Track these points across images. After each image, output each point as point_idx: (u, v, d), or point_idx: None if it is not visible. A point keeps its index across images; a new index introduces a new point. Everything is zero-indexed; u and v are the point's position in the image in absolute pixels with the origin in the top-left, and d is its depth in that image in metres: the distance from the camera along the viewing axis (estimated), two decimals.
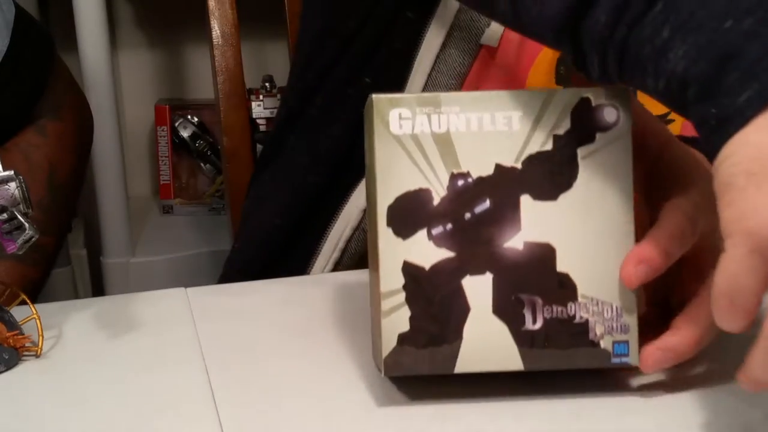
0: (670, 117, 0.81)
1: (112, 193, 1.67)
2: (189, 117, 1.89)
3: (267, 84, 1.65)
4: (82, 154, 0.96)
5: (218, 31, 1.06)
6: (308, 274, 0.86)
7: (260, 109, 1.50)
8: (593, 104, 0.55)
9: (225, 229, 1.77)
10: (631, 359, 0.57)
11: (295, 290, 0.75)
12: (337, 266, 0.85)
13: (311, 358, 0.63)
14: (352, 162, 0.84)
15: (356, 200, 0.83)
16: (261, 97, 1.59)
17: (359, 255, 0.85)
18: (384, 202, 0.55)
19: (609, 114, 0.55)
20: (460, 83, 0.80)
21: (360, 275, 0.74)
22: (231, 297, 0.73)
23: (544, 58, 0.79)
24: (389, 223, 0.55)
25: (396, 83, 0.81)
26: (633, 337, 0.57)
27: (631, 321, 0.56)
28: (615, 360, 0.57)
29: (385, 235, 0.55)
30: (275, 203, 0.88)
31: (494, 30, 0.79)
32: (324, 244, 0.85)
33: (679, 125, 0.82)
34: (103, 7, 1.57)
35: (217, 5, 1.05)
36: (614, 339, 0.57)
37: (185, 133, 1.88)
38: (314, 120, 0.86)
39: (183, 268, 1.75)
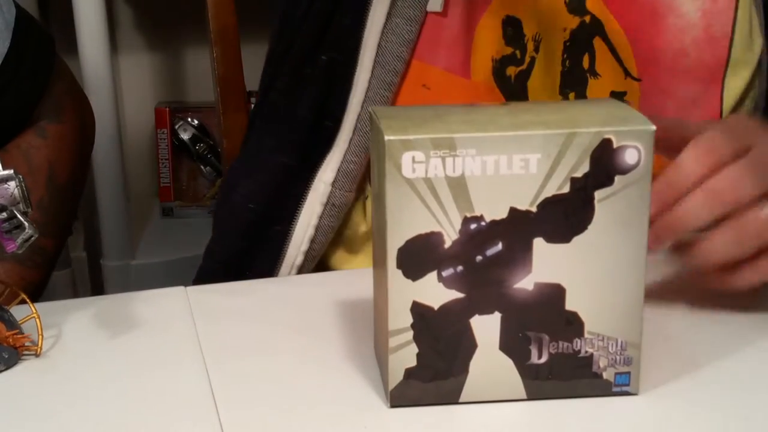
0: (627, 98, 0.82)
1: (112, 196, 1.66)
2: (189, 119, 1.89)
3: None
4: (83, 155, 0.96)
5: (218, 34, 1.06)
6: (284, 254, 0.86)
7: None
8: (615, 146, 0.53)
9: None
10: (632, 388, 0.57)
11: (294, 290, 0.75)
12: (312, 243, 0.85)
13: (311, 357, 0.63)
14: (316, 140, 0.84)
15: (323, 175, 0.84)
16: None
17: (333, 230, 0.86)
18: (394, 244, 0.54)
19: (630, 156, 0.53)
20: (410, 51, 0.81)
21: (360, 275, 0.74)
22: (231, 297, 0.73)
23: (488, 20, 0.80)
24: (399, 266, 0.54)
25: (349, 58, 0.82)
26: (635, 368, 0.57)
27: (635, 354, 0.57)
28: (616, 389, 0.57)
29: (394, 276, 0.55)
30: (247, 188, 0.89)
31: None
32: (297, 223, 0.85)
33: (635, 108, 0.82)
34: (103, 10, 1.57)
35: (217, 7, 1.05)
36: (617, 371, 0.57)
37: (185, 136, 1.88)
38: (276, 103, 0.87)
39: (183, 270, 1.74)
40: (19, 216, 0.61)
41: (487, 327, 0.56)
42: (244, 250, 0.88)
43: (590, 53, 0.81)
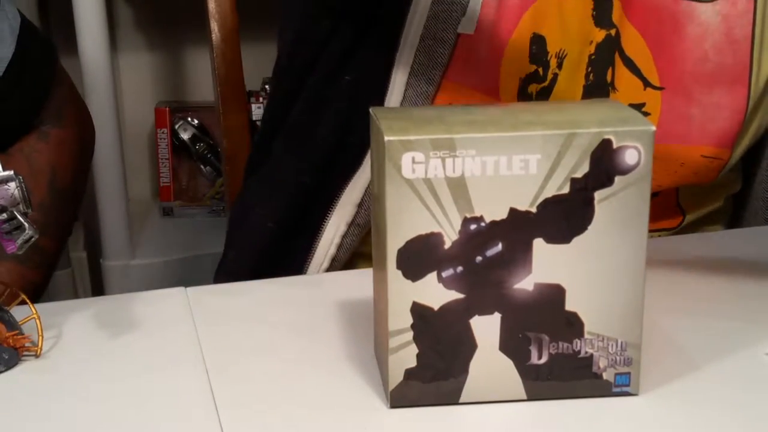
0: (645, 110, 0.82)
1: (112, 196, 1.66)
2: (189, 119, 1.88)
3: (267, 86, 1.65)
4: (84, 160, 0.97)
5: (218, 34, 1.06)
6: (305, 271, 0.86)
7: (260, 112, 1.50)
8: (614, 146, 0.53)
9: (224, 231, 1.77)
10: (632, 389, 0.57)
11: (294, 290, 0.75)
12: (333, 261, 0.85)
13: (311, 358, 0.63)
14: (339, 161, 0.84)
15: (349, 196, 0.84)
16: (261, 99, 1.59)
17: (354, 247, 0.86)
18: (394, 245, 0.54)
19: (630, 156, 0.53)
20: (442, 73, 0.81)
21: (359, 275, 0.74)
22: (231, 297, 0.73)
23: (517, 39, 0.80)
24: (399, 266, 0.54)
25: (377, 80, 0.81)
26: (635, 368, 0.57)
27: (635, 354, 0.57)
28: (616, 390, 0.57)
29: (394, 276, 0.55)
30: (266, 207, 0.89)
31: (470, 18, 0.79)
32: (319, 241, 0.85)
33: (656, 118, 0.82)
34: (103, 10, 1.57)
35: (217, 7, 1.05)
36: (617, 371, 0.57)
37: (185, 135, 1.88)
38: (297, 123, 0.87)
39: (183, 270, 1.74)
40: (19, 217, 0.61)
41: (487, 327, 0.56)
42: (263, 268, 0.88)
43: (613, 66, 0.81)
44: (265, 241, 0.88)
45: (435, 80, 0.80)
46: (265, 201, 0.89)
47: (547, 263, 0.55)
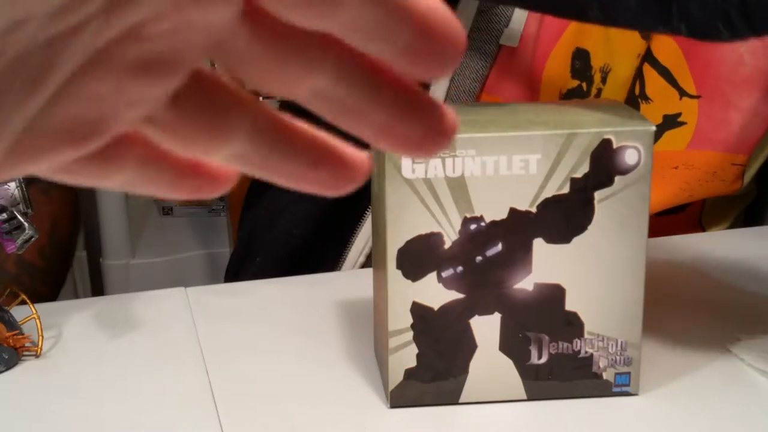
0: (680, 119, 0.81)
1: (111, 195, 1.66)
2: None
3: None
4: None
5: None
6: (340, 268, 0.86)
7: None
8: (614, 146, 0.53)
9: (224, 230, 1.77)
10: (632, 388, 0.57)
11: (295, 290, 0.75)
12: (368, 258, 0.85)
13: (311, 358, 0.63)
14: None
15: None
16: (261, 99, 1.59)
17: None
18: (394, 245, 0.54)
19: (630, 156, 0.53)
20: (481, 85, 0.80)
21: (360, 275, 0.74)
22: (231, 297, 0.73)
23: (558, 53, 0.79)
24: (399, 266, 0.54)
25: None
26: (635, 368, 0.57)
27: (635, 354, 0.57)
28: (616, 389, 0.57)
29: (394, 276, 0.55)
30: (294, 214, 0.88)
31: (514, 29, 0.78)
32: (351, 248, 0.84)
33: (693, 127, 0.81)
34: None
35: None
36: (617, 371, 0.57)
37: None
38: (328, 129, 0.86)
39: (183, 269, 1.74)
40: (19, 217, 0.61)
41: (487, 327, 0.56)
42: (296, 269, 0.87)
43: (642, 77, 0.81)
44: (297, 243, 0.88)
45: (474, 93, 0.80)
46: (294, 207, 0.88)
47: (547, 263, 0.55)
